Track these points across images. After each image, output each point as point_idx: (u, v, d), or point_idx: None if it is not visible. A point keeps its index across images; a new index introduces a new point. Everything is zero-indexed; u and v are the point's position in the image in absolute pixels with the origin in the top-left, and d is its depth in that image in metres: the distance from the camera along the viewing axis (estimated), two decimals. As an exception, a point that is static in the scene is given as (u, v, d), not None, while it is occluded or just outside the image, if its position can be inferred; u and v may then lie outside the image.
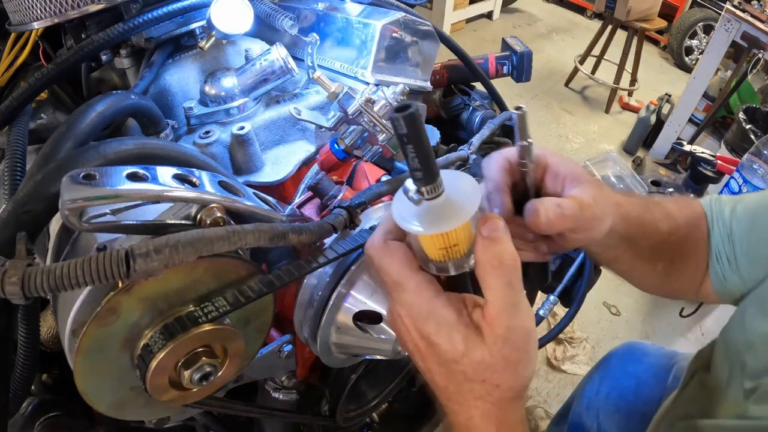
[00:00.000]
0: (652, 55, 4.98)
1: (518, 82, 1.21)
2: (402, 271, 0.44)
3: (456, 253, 0.43)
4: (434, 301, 0.43)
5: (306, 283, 0.65)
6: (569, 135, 3.71)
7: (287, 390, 0.79)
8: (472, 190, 0.42)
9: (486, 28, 5.07)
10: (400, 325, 0.46)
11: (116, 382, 0.51)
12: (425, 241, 0.44)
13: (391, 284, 0.45)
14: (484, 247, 0.42)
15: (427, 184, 0.39)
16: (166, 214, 0.51)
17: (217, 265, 0.51)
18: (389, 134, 0.73)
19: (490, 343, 0.42)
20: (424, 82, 1.05)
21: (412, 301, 0.44)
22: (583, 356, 2.20)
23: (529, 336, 0.43)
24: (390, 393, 1.00)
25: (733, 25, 2.73)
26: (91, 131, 0.62)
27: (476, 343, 0.42)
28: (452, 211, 0.40)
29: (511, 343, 0.42)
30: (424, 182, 0.39)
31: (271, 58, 0.82)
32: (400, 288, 0.44)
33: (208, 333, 0.50)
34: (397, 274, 0.44)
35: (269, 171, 0.83)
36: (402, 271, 0.44)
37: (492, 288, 0.42)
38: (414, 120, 0.36)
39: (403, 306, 0.45)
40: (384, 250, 0.46)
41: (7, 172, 0.64)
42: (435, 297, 0.44)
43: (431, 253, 0.44)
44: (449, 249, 0.43)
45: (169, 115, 0.85)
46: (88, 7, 0.75)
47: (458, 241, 0.42)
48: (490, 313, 0.42)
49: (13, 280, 0.38)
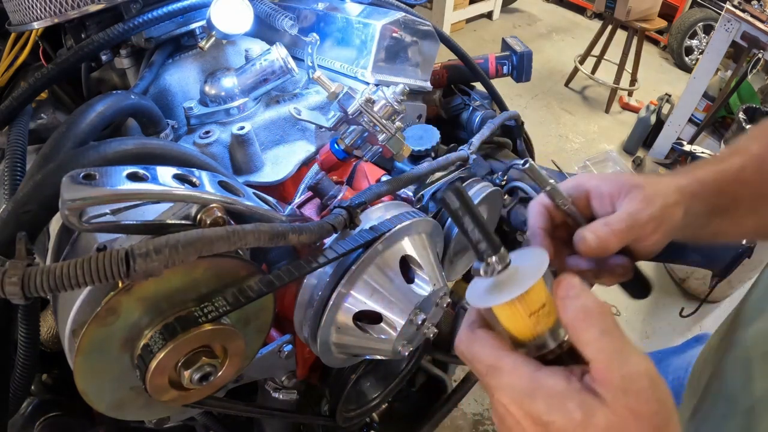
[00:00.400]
0: (652, 55, 4.98)
1: (518, 82, 1.21)
2: (494, 352, 0.40)
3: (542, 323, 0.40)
4: (536, 375, 0.38)
5: (306, 283, 0.65)
6: (569, 135, 3.71)
7: (287, 390, 0.79)
8: (540, 253, 0.41)
9: (486, 28, 5.07)
10: (508, 417, 0.39)
11: (116, 382, 0.51)
12: (507, 317, 0.40)
13: (486, 372, 0.40)
14: (565, 308, 0.39)
15: (494, 253, 0.39)
16: (166, 214, 0.51)
17: (217, 265, 0.51)
18: (389, 134, 0.73)
19: (610, 400, 0.36)
20: (424, 82, 1.05)
21: (512, 381, 0.39)
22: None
23: (652, 381, 0.36)
24: (390, 393, 1.00)
25: (733, 25, 2.73)
26: (91, 131, 0.62)
27: (595, 406, 0.36)
28: (523, 274, 0.39)
29: (633, 394, 0.35)
30: (491, 252, 0.39)
31: (271, 58, 0.82)
32: (497, 372, 0.39)
33: (208, 333, 0.50)
34: (490, 357, 0.40)
35: (269, 171, 0.83)
36: (494, 352, 0.40)
37: (589, 343, 0.38)
38: (462, 193, 0.39)
39: (504, 391, 0.39)
40: (471, 338, 0.42)
41: (7, 172, 0.64)
42: (536, 371, 0.38)
43: (519, 331, 0.40)
44: (534, 317, 0.39)
45: (169, 115, 0.85)
46: (88, 7, 0.75)
47: (538, 306, 0.39)
48: (596, 368, 0.37)
49: (13, 280, 0.38)
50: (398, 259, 0.66)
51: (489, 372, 0.40)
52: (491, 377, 0.40)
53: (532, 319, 0.39)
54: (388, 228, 0.64)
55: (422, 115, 1.07)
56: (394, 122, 0.74)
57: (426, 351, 1.06)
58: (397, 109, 0.74)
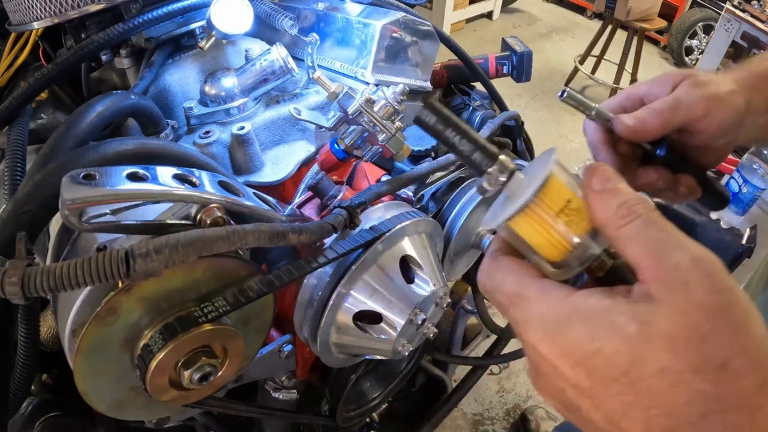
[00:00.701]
0: (652, 55, 4.98)
1: (518, 82, 1.21)
2: (518, 279, 0.33)
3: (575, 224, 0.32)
4: (570, 298, 0.30)
5: (306, 283, 0.65)
6: (569, 135, 3.71)
7: (287, 390, 0.79)
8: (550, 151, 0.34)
9: (486, 28, 5.07)
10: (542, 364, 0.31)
11: (116, 382, 0.51)
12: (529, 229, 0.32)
13: (510, 304, 0.33)
14: (602, 204, 0.31)
15: (493, 161, 0.33)
16: (166, 214, 0.51)
17: (217, 265, 0.51)
18: (389, 134, 0.73)
19: (668, 297, 0.27)
20: (424, 82, 1.05)
21: (541, 310, 0.31)
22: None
23: (715, 266, 0.28)
24: (390, 393, 1.00)
25: (733, 25, 2.73)
26: (90, 131, 0.62)
27: (651, 310, 0.28)
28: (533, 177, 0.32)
29: (696, 283, 0.27)
30: (489, 161, 0.33)
31: (271, 58, 0.82)
32: (522, 301, 0.32)
33: (208, 333, 0.50)
34: (513, 285, 0.33)
35: (269, 171, 0.83)
36: (518, 279, 0.33)
37: (633, 240, 0.30)
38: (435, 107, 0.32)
39: (532, 325, 0.31)
40: (493, 266, 0.35)
41: (7, 172, 0.64)
42: (569, 295, 0.31)
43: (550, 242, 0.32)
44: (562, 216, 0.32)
45: (169, 115, 0.85)
46: (88, 7, 0.75)
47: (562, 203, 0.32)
48: (646, 265, 0.29)
49: (13, 280, 0.38)
50: (398, 259, 0.66)
51: (513, 303, 0.33)
52: (516, 310, 0.33)
53: (561, 219, 0.32)
54: (388, 228, 0.64)
55: (422, 115, 1.07)
56: (394, 122, 0.74)
57: (426, 351, 1.06)
58: (397, 109, 0.74)
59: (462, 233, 0.80)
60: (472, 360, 1.33)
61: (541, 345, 0.31)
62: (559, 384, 0.31)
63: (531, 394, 2.05)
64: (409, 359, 1.00)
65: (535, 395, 2.05)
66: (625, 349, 0.27)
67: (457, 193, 0.81)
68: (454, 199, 0.80)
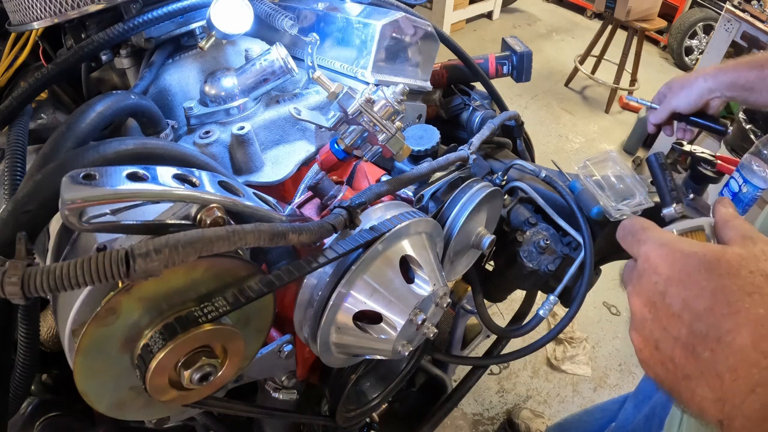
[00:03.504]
0: (652, 55, 4.98)
1: (518, 82, 1.21)
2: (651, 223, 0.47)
3: None
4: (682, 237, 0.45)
5: (306, 283, 0.65)
6: (569, 135, 3.71)
7: (287, 390, 0.79)
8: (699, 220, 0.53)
9: (486, 28, 5.07)
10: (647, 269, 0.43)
11: (116, 382, 0.51)
12: None
13: (641, 229, 0.46)
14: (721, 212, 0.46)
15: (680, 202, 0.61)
16: (166, 214, 0.51)
17: (217, 265, 0.51)
18: (389, 134, 0.73)
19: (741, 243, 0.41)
20: (424, 82, 1.05)
21: (662, 235, 0.44)
22: (583, 356, 2.20)
23: None
24: (390, 393, 1.00)
25: (733, 25, 2.73)
26: (90, 131, 0.62)
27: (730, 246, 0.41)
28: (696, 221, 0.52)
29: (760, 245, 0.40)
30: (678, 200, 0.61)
31: (271, 58, 0.82)
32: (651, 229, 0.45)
33: (208, 333, 0.50)
34: (647, 222, 0.46)
35: (269, 171, 0.83)
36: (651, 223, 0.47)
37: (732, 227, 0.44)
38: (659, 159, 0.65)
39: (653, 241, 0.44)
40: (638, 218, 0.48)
41: (7, 172, 0.64)
42: None
43: None
44: None
45: (169, 115, 0.85)
46: (88, 7, 0.75)
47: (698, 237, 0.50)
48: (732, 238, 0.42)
49: (13, 280, 0.38)
50: (398, 259, 0.66)
51: (643, 229, 0.45)
52: (643, 232, 0.45)
53: None
54: (388, 228, 0.64)
55: (422, 115, 1.07)
56: (394, 122, 0.74)
57: (426, 351, 1.06)
58: (397, 109, 0.74)
59: (462, 233, 0.80)
60: (472, 360, 1.33)
61: (654, 252, 0.43)
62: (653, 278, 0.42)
63: (531, 394, 2.05)
64: (409, 359, 1.00)
65: (533, 395, 2.05)
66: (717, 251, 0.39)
67: (457, 193, 0.81)
68: (454, 199, 0.80)
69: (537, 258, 0.89)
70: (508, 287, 1.06)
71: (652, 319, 0.41)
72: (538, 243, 0.89)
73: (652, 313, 0.41)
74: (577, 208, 0.87)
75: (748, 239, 0.41)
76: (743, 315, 0.35)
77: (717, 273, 0.38)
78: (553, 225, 0.91)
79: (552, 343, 2.21)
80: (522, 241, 0.91)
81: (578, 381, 2.13)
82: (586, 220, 0.87)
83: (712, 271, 0.38)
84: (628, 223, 0.48)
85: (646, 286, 0.42)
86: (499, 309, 2.16)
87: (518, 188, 0.94)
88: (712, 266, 0.38)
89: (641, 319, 0.42)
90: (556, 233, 0.91)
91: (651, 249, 0.43)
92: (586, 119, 3.92)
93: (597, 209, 0.85)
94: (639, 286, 0.43)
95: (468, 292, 1.16)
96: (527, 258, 0.89)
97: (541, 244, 0.89)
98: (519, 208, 0.95)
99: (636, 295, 0.43)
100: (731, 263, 0.38)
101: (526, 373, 2.14)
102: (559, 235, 0.92)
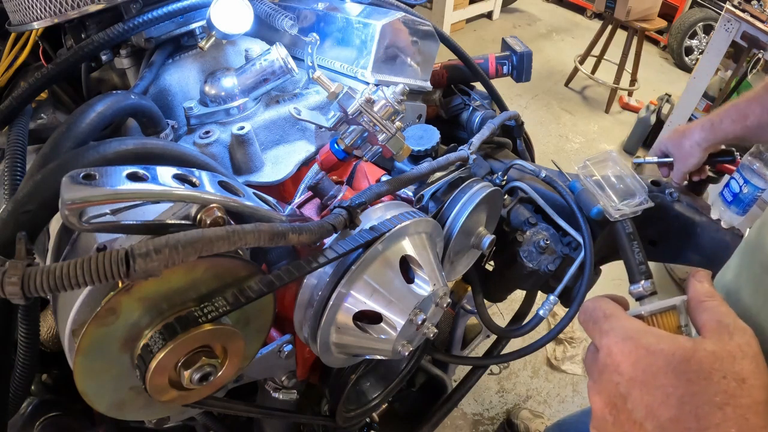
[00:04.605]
0: (652, 55, 4.98)
1: (518, 82, 1.21)
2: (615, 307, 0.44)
3: None
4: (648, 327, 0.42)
5: (306, 283, 0.65)
6: (569, 135, 3.71)
7: (287, 390, 0.79)
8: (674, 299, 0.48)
9: (486, 28, 5.07)
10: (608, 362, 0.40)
11: (116, 382, 0.51)
12: None
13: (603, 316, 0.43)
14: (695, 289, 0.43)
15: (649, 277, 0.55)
16: (166, 214, 0.51)
17: (217, 265, 0.51)
18: (389, 134, 0.73)
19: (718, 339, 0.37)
20: (424, 82, 1.05)
21: (626, 324, 0.41)
22: (583, 356, 2.19)
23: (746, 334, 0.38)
24: (390, 393, 1.00)
25: (733, 25, 2.73)
26: (90, 131, 0.62)
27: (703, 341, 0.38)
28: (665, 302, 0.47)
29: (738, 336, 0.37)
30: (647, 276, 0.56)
31: (271, 58, 0.82)
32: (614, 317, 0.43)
33: (208, 333, 0.50)
34: (611, 307, 0.44)
35: (269, 171, 0.83)
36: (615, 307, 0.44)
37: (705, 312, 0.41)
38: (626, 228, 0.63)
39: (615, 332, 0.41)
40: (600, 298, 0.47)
41: (7, 172, 0.64)
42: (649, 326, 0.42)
43: None
44: None
45: (169, 115, 0.85)
46: (88, 7, 0.75)
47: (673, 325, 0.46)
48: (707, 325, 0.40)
49: (13, 280, 0.38)
50: (398, 259, 0.66)
51: (606, 317, 0.43)
52: (606, 321, 0.43)
53: None
54: (388, 228, 0.64)
55: (422, 115, 1.07)
56: (394, 122, 0.74)
57: (426, 351, 1.06)
58: (397, 109, 0.74)
59: (462, 233, 0.80)
60: (472, 360, 1.32)
61: (616, 345, 0.40)
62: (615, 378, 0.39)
63: (531, 394, 2.06)
64: (409, 359, 1.00)
65: (533, 395, 2.05)
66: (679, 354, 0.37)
67: (457, 193, 0.81)
68: (454, 199, 0.80)
69: (537, 258, 0.89)
70: (508, 287, 1.06)
71: (612, 422, 0.39)
72: (538, 243, 0.89)
73: (613, 415, 0.39)
74: (577, 208, 0.87)
75: (724, 330, 0.38)
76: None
77: (686, 377, 0.35)
78: (553, 225, 0.91)
79: (552, 343, 2.21)
80: (522, 241, 0.91)
81: (578, 381, 2.13)
82: (586, 220, 0.87)
83: (680, 375, 0.36)
84: (590, 307, 0.45)
85: (607, 385, 0.40)
86: (499, 309, 2.16)
87: (518, 188, 0.94)
88: (681, 368, 0.36)
89: (602, 419, 0.40)
90: (556, 233, 0.91)
91: (614, 342, 0.41)
92: (586, 119, 3.92)
93: (597, 209, 0.85)
94: (600, 383, 0.41)
95: (468, 292, 1.16)
96: (527, 258, 0.89)
97: (541, 244, 0.89)
98: (519, 208, 0.95)
99: (596, 393, 0.41)
100: (702, 365, 0.35)
101: (526, 373, 2.14)
102: (559, 235, 0.92)
